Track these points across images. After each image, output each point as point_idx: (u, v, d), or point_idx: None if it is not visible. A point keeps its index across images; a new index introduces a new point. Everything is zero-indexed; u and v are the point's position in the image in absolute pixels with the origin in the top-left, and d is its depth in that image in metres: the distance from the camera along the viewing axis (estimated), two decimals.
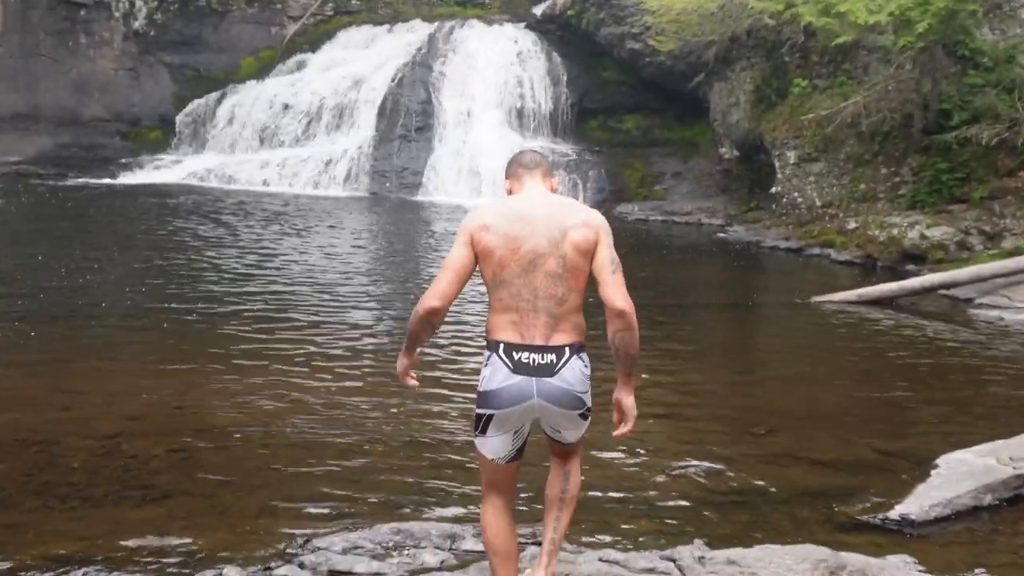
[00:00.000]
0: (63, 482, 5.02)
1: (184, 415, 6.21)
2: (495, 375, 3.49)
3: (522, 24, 27.17)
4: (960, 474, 5.35)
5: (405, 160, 23.81)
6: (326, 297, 10.32)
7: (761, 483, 5.38)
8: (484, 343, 3.60)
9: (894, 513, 4.93)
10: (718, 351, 9.46)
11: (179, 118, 25.74)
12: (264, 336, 8.32)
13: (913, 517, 4.89)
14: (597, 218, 3.62)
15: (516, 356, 3.45)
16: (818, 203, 17.69)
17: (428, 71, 25.35)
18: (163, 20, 26.81)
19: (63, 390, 6.63)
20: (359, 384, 7.04)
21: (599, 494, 5.15)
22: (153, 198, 19.45)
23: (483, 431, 3.56)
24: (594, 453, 5.72)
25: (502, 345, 3.49)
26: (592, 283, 3.59)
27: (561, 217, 3.53)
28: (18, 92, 25.21)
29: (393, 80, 24.97)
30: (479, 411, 3.55)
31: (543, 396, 3.45)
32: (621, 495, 5.18)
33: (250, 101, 25.40)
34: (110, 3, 26.22)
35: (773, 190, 18.90)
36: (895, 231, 15.05)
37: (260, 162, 23.98)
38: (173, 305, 9.42)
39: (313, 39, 27.68)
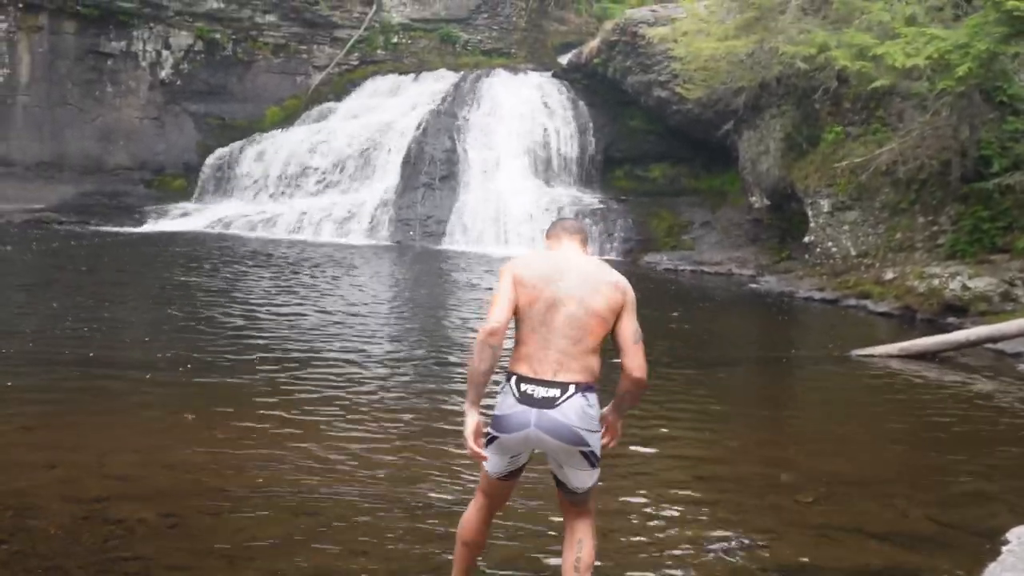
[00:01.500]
0: (34, 552, 4.53)
1: (178, 475, 5.71)
2: (504, 402, 3.82)
3: (548, 73, 27.04)
4: None
5: (429, 208, 23.51)
6: (341, 351, 9.85)
7: (814, 562, 4.80)
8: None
9: None
10: (755, 409, 8.87)
11: (204, 166, 25.65)
12: (271, 391, 7.86)
13: None
14: (626, 284, 3.90)
15: (523, 388, 3.75)
16: (853, 253, 17.15)
17: (453, 119, 25.17)
18: (189, 70, 26.89)
19: (51, 446, 6.15)
20: (367, 444, 6.54)
21: (626, 572, 4.60)
22: (175, 246, 19.21)
23: (487, 446, 3.87)
24: (621, 523, 5.20)
25: (515, 376, 3.81)
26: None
27: (595, 272, 3.89)
28: (43, 141, 25.26)
29: (418, 128, 24.79)
30: (487, 429, 3.87)
31: (540, 427, 3.70)
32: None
33: (274, 149, 25.29)
34: (137, 53, 26.35)
35: (806, 239, 18.38)
36: (935, 282, 14.45)
37: (284, 210, 23.75)
38: (180, 356, 8.98)
39: (339, 88, 27.67)
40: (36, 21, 25.01)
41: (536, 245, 22.32)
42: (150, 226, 23.07)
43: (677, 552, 4.90)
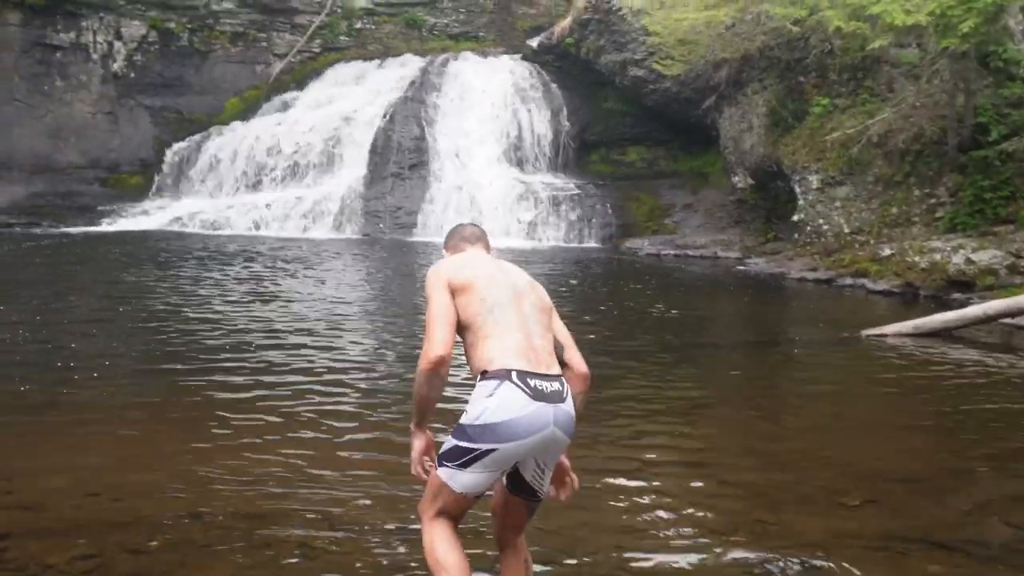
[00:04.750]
0: None
1: (100, 503, 4.73)
2: (509, 404, 3.16)
3: (518, 55, 26.09)
4: None
5: (399, 199, 22.53)
6: (305, 352, 8.87)
7: None
8: (480, 376, 3.26)
9: None
10: (770, 397, 7.97)
11: (162, 162, 24.51)
12: (224, 397, 6.88)
13: None
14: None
15: (532, 383, 3.20)
16: (846, 230, 16.34)
17: (421, 106, 24.19)
18: (143, 61, 25.73)
19: None
20: (331, 455, 5.59)
21: None
22: (132, 246, 18.11)
23: (464, 466, 3.21)
24: (641, 543, 4.29)
25: (515, 372, 3.20)
26: None
27: (514, 271, 3.58)
28: None
29: (384, 116, 23.78)
30: (472, 445, 3.18)
31: (559, 425, 3.22)
32: None
33: (235, 143, 24.20)
34: (87, 44, 25.15)
35: (795, 218, 17.57)
36: (937, 256, 13.67)
37: (246, 206, 22.70)
38: (123, 363, 7.99)
39: (300, 77, 26.62)
40: None
41: (511, 235, 21.43)
42: (107, 226, 21.98)
43: None
